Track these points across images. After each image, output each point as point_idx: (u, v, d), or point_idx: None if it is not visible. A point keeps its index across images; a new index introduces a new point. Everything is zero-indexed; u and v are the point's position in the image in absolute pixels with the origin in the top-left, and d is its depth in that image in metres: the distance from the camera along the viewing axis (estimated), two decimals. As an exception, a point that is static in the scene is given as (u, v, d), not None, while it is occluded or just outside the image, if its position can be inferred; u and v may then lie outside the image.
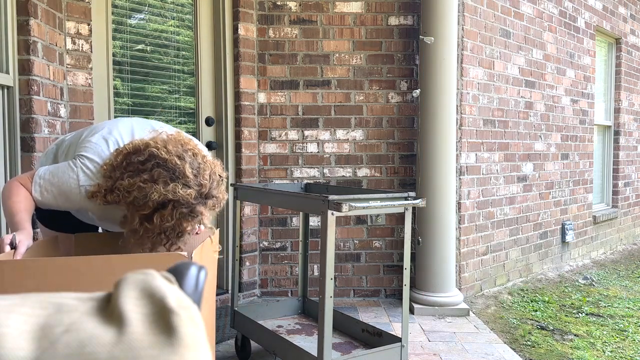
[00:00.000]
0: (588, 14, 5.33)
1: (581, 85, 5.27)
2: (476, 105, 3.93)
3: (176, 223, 1.51)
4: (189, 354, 0.43)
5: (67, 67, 2.78)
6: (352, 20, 3.71)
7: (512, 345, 3.06)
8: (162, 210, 1.49)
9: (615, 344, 3.14)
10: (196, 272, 0.53)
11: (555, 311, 3.73)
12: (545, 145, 4.74)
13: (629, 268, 5.21)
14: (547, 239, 4.82)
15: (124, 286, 0.46)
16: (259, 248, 3.74)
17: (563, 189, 5.04)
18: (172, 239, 1.57)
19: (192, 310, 0.46)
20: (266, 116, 3.69)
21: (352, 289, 3.78)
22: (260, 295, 3.75)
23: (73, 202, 1.65)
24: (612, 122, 6.12)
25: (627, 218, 6.35)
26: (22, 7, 2.42)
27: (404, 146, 3.76)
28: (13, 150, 2.43)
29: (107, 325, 0.42)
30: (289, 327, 2.77)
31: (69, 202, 1.65)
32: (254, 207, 3.71)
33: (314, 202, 2.10)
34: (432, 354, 2.82)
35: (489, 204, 4.11)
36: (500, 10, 4.14)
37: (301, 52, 3.69)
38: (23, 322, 0.41)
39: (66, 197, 1.63)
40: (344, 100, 3.72)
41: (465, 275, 3.89)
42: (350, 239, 3.77)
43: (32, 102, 2.43)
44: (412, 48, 3.75)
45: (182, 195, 1.47)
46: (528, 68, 4.49)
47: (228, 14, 3.59)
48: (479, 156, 3.98)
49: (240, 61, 3.57)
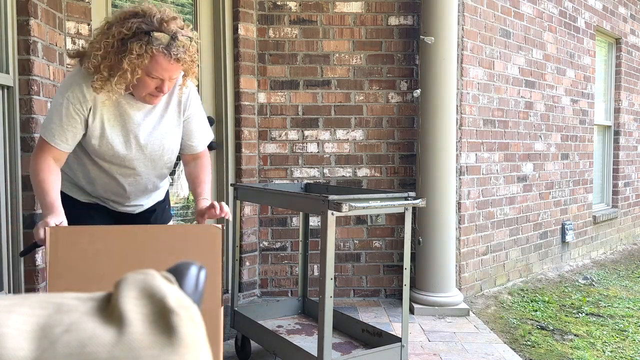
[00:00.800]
0: (588, 14, 5.33)
1: (581, 85, 5.27)
2: (476, 105, 3.93)
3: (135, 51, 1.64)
4: (189, 354, 0.43)
5: (67, 67, 2.78)
6: (352, 20, 3.71)
7: (512, 345, 3.06)
8: (130, 41, 1.65)
9: (615, 344, 3.14)
10: (196, 272, 0.53)
11: (555, 311, 3.73)
12: (545, 145, 4.74)
13: (629, 268, 5.21)
14: (547, 239, 4.82)
15: (124, 286, 0.46)
16: (259, 248, 3.74)
17: (563, 189, 5.04)
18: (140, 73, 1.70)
19: (192, 310, 0.46)
20: (266, 116, 3.69)
21: (352, 289, 3.78)
22: (260, 295, 3.75)
23: (80, 112, 1.75)
24: (612, 122, 6.12)
25: (627, 218, 6.35)
26: (22, 7, 2.42)
27: (404, 146, 3.76)
28: (13, 150, 2.43)
29: (107, 325, 0.42)
30: (289, 327, 2.77)
31: (78, 115, 1.75)
32: (254, 207, 3.71)
33: (314, 202, 2.10)
34: (432, 354, 2.82)
35: (489, 204, 4.11)
36: (500, 10, 4.14)
37: (301, 52, 3.69)
38: (23, 322, 0.41)
39: (70, 114, 1.74)
40: (344, 100, 3.72)
41: (465, 275, 3.89)
42: (350, 239, 3.77)
43: (32, 102, 2.43)
44: (412, 48, 3.75)
45: (137, 25, 1.65)
46: (528, 68, 4.49)
47: (228, 14, 3.59)
48: (479, 156, 3.98)
49: (240, 61, 3.57)
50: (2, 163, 2.40)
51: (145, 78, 1.70)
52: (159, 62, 1.67)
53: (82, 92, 1.74)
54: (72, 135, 1.77)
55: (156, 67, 1.67)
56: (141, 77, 1.69)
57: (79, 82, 1.74)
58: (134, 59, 1.64)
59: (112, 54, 1.66)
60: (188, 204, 3.58)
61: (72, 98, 1.73)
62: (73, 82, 1.75)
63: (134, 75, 1.67)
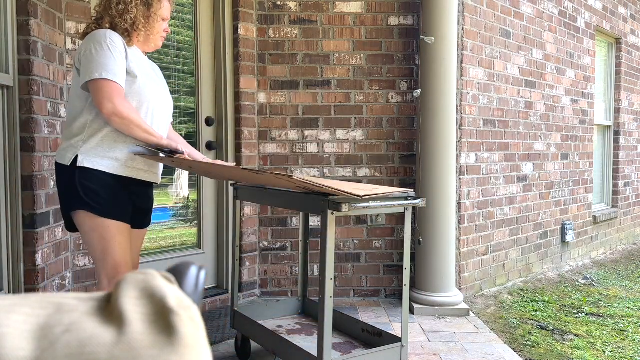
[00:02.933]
0: (588, 14, 5.33)
1: (581, 85, 5.27)
2: (476, 105, 3.93)
3: None
4: (189, 354, 0.43)
5: (67, 67, 2.78)
6: (352, 20, 3.71)
7: (512, 345, 3.06)
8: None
9: (615, 344, 3.14)
10: (196, 272, 0.53)
11: (555, 311, 3.73)
12: (545, 145, 4.74)
13: (629, 268, 5.21)
14: (547, 239, 4.82)
15: (124, 286, 0.46)
16: (259, 248, 3.74)
17: (563, 189, 5.04)
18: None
19: (192, 310, 0.46)
20: (266, 116, 3.69)
21: (352, 289, 3.78)
22: (260, 295, 3.75)
23: (119, 43, 1.94)
24: (612, 122, 6.12)
25: (627, 218, 6.35)
26: (22, 7, 2.42)
27: (404, 146, 3.76)
28: (13, 150, 2.43)
29: (107, 325, 0.43)
30: (289, 327, 2.77)
31: (123, 56, 1.94)
32: (253, 207, 3.71)
33: (313, 202, 2.10)
34: (432, 354, 2.82)
35: (489, 204, 4.11)
36: (500, 10, 4.14)
37: (301, 52, 3.69)
38: (23, 322, 0.41)
39: (118, 54, 1.92)
40: (344, 100, 3.72)
41: (465, 275, 3.89)
42: (350, 239, 3.77)
43: (32, 102, 2.43)
44: (412, 48, 3.75)
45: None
46: (528, 68, 4.49)
47: (228, 14, 3.59)
48: (479, 156, 3.98)
49: (240, 61, 3.57)
50: (2, 163, 2.40)
51: (160, 22, 2.07)
52: (166, 6, 2.08)
53: (118, 38, 1.95)
54: (123, 74, 1.94)
55: (167, 9, 2.08)
56: (158, 22, 2.07)
57: (110, 33, 1.94)
58: (157, 7, 2.03)
59: (141, 4, 2.00)
60: (188, 204, 3.58)
61: (114, 41, 1.92)
62: (105, 33, 1.93)
63: (157, 21, 2.05)
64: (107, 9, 2.00)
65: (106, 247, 1.91)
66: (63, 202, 1.96)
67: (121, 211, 1.95)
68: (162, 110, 2.10)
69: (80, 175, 1.90)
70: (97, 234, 1.91)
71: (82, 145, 1.92)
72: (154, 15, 2.02)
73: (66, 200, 1.93)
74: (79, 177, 1.90)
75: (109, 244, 1.91)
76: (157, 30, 2.08)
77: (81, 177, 1.90)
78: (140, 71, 2.00)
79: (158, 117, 2.09)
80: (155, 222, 3.42)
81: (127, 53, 1.96)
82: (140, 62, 2.04)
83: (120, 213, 1.95)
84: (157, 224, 3.43)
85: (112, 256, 1.91)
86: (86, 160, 1.90)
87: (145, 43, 2.10)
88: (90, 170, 1.91)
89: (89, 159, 1.91)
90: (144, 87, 1.98)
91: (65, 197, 1.93)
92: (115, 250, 1.92)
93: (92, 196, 1.90)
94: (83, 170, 1.90)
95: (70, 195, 1.92)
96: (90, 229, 1.91)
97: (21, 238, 2.45)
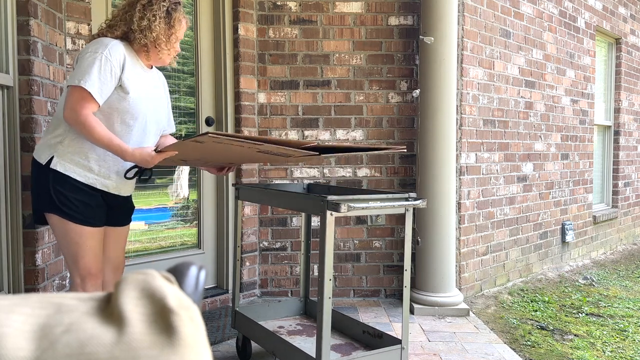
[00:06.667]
0: (588, 14, 5.33)
1: (581, 85, 5.27)
2: (476, 105, 3.93)
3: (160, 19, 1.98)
4: (189, 354, 0.43)
5: (67, 67, 2.78)
6: (352, 20, 3.71)
7: (512, 345, 3.06)
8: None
9: (615, 344, 3.14)
10: (196, 272, 0.53)
11: (555, 311, 3.73)
12: (545, 145, 4.74)
13: (629, 268, 5.21)
14: (547, 239, 4.82)
15: (124, 286, 0.46)
16: (259, 248, 3.74)
17: (563, 189, 5.04)
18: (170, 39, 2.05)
19: (192, 310, 0.46)
20: (266, 116, 3.69)
21: (352, 289, 3.78)
22: (260, 295, 3.75)
23: (115, 68, 1.90)
24: (612, 122, 6.12)
25: (627, 218, 6.35)
26: (22, 7, 2.42)
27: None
28: (13, 150, 2.43)
29: (107, 325, 0.42)
30: (290, 328, 2.77)
31: (113, 71, 1.90)
32: (254, 207, 3.71)
33: (313, 202, 2.10)
34: (432, 354, 2.82)
35: (489, 204, 4.11)
36: (500, 10, 4.14)
37: (301, 52, 3.69)
38: (23, 322, 0.41)
39: (107, 69, 1.88)
40: (344, 100, 3.72)
41: (465, 275, 3.89)
42: (350, 239, 3.77)
43: (32, 102, 2.43)
44: (412, 48, 3.75)
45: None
46: (528, 68, 4.49)
47: (228, 14, 3.59)
48: (479, 156, 3.98)
49: (240, 61, 3.57)
50: (2, 163, 2.40)
51: (177, 42, 2.07)
52: (184, 27, 2.07)
53: (119, 52, 1.91)
54: (108, 90, 1.90)
55: (184, 30, 2.07)
56: (177, 42, 2.07)
57: (112, 45, 1.91)
58: (178, 27, 2.02)
59: (163, 23, 1.98)
60: (188, 204, 3.58)
61: (112, 55, 1.89)
62: (107, 44, 1.90)
63: (176, 41, 2.06)
64: (127, 22, 1.97)
65: (77, 251, 1.98)
66: (35, 199, 1.99)
67: (93, 217, 1.99)
68: (155, 126, 2.10)
69: (54, 180, 1.92)
70: (69, 238, 1.96)
71: (60, 147, 1.93)
72: (173, 35, 2.03)
73: (39, 199, 1.97)
74: (52, 181, 1.92)
75: (80, 248, 1.97)
76: (176, 49, 2.09)
77: (55, 182, 1.92)
78: (135, 87, 1.97)
79: (150, 134, 2.09)
80: (155, 222, 3.42)
81: (124, 67, 1.94)
82: (138, 77, 2.01)
83: (92, 219, 1.99)
84: (157, 224, 3.43)
85: (83, 259, 1.99)
86: (60, 164, 1.92)
87: (158, 59, 2.08)
88: (64, 175, 1.92)
89: (63, 163, 1.92)
90: (134, 104, 1.96)
91: (39, 196, 1.96)
92: (87, 254, 1.99)
93: (64, 202, 1.92)
94: (57, 174, 1.92)
95: (43, 197, 1.95)
96: (62, 234, 1.97)
97: (21, 238, 2.45)
